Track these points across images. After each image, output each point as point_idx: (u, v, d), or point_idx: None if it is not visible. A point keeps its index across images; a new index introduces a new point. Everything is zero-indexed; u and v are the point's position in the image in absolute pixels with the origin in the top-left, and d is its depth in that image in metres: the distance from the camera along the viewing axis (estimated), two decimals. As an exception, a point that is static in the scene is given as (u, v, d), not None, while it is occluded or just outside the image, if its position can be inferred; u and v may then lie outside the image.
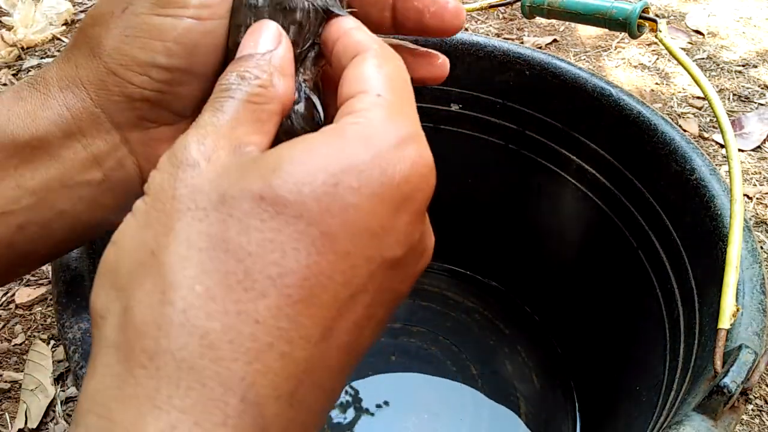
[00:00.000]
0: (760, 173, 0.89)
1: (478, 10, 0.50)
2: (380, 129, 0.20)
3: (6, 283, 0.29)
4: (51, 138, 0.26)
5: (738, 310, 0.32)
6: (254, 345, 0.18)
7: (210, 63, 0.26)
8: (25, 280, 0.73)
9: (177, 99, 0.26)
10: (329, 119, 0.23)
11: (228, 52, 0.26)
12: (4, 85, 1.00)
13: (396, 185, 0.20)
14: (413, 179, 0.20)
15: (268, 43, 0.23)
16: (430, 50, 0.28)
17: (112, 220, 0.28)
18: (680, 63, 0.41)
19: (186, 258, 0.18)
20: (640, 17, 0.43)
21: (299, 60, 0.26)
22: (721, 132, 0.37)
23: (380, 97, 0.21)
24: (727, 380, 0.28)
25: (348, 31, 0.24)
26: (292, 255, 0.18)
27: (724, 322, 0.31)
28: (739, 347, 0.30)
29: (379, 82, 0.21)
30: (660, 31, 0.42)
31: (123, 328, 0.18)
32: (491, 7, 0.50)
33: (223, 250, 0.18)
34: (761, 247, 0.78)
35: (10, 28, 1.10)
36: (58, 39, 1.12)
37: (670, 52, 0.41)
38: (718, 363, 0.30)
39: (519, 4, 0.48)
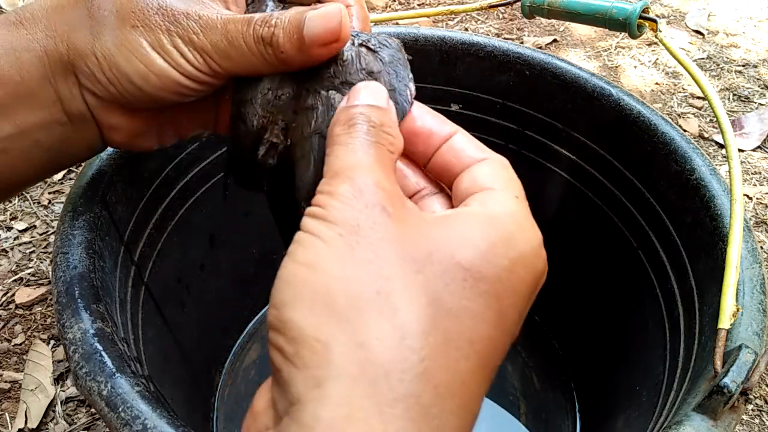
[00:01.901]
0: (760, 173, 0.89)
1: (478, 9, 0.50)
2: (530, 228, 0.24)
3: None
4: (31, 77, 0.29)
5: (738, 310, 0.32)
6: (461, 402, 0.20)
7: (170, 102, 0.30)
8: (25, 280, 0.73)
9: (129, 103, 0.30)
10: None
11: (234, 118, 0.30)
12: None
13: (538, 278, 0.24)
14: (543, 275, 0.24)
15: (383, 102, 0.26)
16: None
17: (81, 153, 0.33)
18: (680, 63, 0.41)
19: (417, 309, 0.20)
20: (640, 17, 0.43)
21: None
22: (721, 132, 0.37)
23: (518, 198, 0.25)
24: (727, 380, 0.28)
25: (464, 137, 0.28)
26: (481, 325, 0.21)
27: (724, 322, 0.31)
28: (739, 347, 0.30)
29: (513, 184, 0.25)
30: (660, 31, 0.42)
31: (362, 363, 0.19)
32: (491, 7, 0.50)
33: (443, 310, 0.21)
34: (761, 247, 0.78)
35: (10, 28, 1.10)
36: (58, 39, 1.12)
37: (670, 53, 0.41)
38: (718, 363, 0.30)
39: (519, 4, 0.48)
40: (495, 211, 0.23)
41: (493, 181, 0.25)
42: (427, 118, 0.27)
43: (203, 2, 0.29)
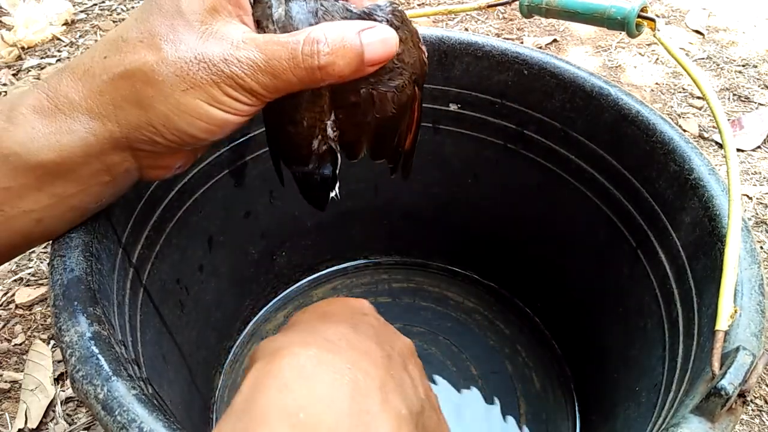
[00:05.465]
0: (760, 173, 0.88)
1: (476, 9, 0.50)
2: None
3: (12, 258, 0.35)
4: (74, 158, 0.30)
5: (736, 311, 0.32)
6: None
7: (226, 136, 0.33)
8: (25, 280, 0.73)
9: (189, 149, 0.33)
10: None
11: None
12: (4, 85, 1.00)
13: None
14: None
15: None
16: None
17: (110, 200, 0.35)
18: (678, 62, 0.40)
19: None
20: (639, 16, 0.42)
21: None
22: (719, 132, 0.37)
23: None
24: (724, 382, 0.28)
25: None
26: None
27: (722, 324, 0.31)
28: (737, 349, 0.30)
29: None
30: (659, 31, 0.42)
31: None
32: (490, 6, 0.50)
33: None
34: (761, 247, 0.78)
35: (10, 28, 1.10)
36: (58, 39, 1.12)
37: (669, 52, 0.41)
38: (716, 365, 0.30)
39: (517, 3, 0.48)
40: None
41: None
42: None
43: (228, 35, 0.30)
